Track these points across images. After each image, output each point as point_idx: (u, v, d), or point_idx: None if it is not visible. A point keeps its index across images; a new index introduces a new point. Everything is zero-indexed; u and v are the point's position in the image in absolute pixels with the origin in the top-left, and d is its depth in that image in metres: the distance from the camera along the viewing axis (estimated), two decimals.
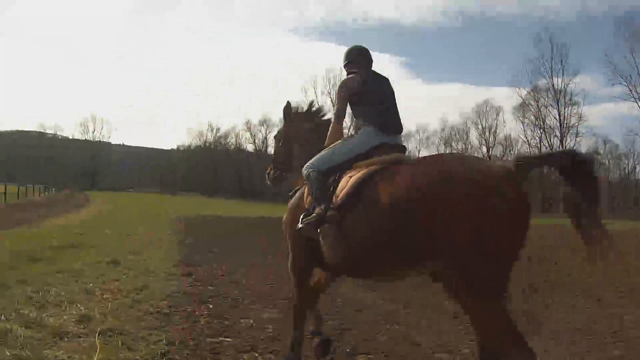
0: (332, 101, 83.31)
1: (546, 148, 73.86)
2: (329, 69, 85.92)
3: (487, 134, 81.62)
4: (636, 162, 77.86)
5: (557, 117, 73.77)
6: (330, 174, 4.83)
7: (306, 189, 4.98)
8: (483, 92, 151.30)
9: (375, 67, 5.41)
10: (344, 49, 5.63)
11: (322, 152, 5.11)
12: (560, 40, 75.06)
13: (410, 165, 4.40)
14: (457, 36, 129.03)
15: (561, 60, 72.84)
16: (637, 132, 69.34)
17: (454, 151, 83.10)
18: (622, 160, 79.57)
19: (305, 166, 5.00)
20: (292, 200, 5.30)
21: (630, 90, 65.88)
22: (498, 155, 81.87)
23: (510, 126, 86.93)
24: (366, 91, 5.19)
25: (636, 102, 65.81)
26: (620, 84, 66.51)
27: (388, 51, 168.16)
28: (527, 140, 78.44)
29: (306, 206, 4.85)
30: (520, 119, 78.00)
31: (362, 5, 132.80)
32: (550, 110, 74.96)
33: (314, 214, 4.59)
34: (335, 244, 4.50)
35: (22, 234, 15.44)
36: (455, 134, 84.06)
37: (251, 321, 6.76)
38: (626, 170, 79.73)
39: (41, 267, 9.59)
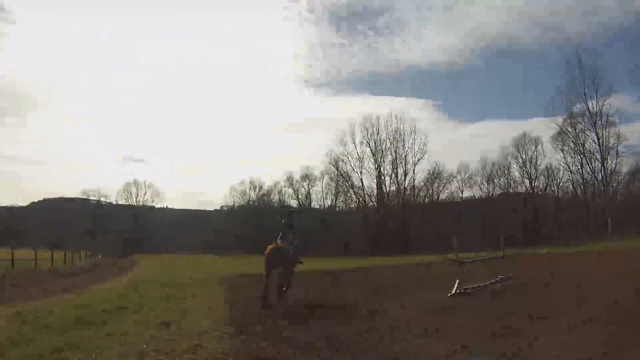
0: (371, 150, 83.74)
1: (588, 173, 73.67)
2: (366, 117, 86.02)
3: (527, 166, 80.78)
4: None
5: (596, 139, 72.79)
6: None
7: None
8: (519, 125, 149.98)
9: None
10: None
11: None
12: (590, 62, 74.25)
13: None
14: (487, 73, 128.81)
15: (593, 82, 71.88)
16: None
17: (497, 187, 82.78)
18: None
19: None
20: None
21: None
22: (541, 186, 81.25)
23: (550, 156, 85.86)
24: None
25: None
26: None
27: (420, 96, 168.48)
28: (569, 168, 77.44)
29: None
30: (560, 146, 77.01)
31: (390, 54, 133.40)
32: (588, 134, 73.79)
33: None
34: None
35: (71, 300, 15.43)
36: (497, 170, 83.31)
37: None
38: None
39: (92, 331, 9.58)
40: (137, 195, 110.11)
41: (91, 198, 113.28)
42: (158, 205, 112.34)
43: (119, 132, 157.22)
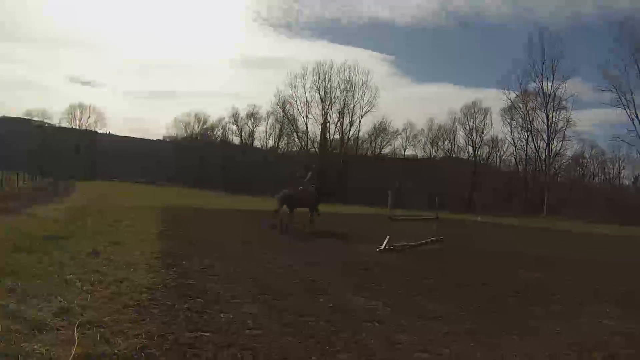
0: (320, 96, 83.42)
1: (533, 151, 75.83)
2: (320, 63, 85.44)
3: (473, 134, 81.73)
4: (621, 168, 78.36)
5: (545, 120, 74.25)
6: None
7: None
8: (472, 93, 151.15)
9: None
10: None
11: None
12: (553, 44, 75.29)
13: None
14: (450, 37, 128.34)
15: (552, 65, 73.34)
16: (623, 139, 69.89)
17: (440, 150, 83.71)
18: (607, 165, 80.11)
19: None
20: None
21: (620, 97, 66.63)
22: (484, 155, 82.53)
23: (498, 128, 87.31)
24: None
25: (625, 109, 66.50)
26: (610, 90, 67.28)
27: (378, 49, 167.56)
28: (514, 143, 79.06)
29: None
30: (508, 120, 78.52)
31: (355, 4, 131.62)
32: (539, 113, 75.36)
33: None
34: None
35: (4, 224, 15.27)
36: (443, 134, 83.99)
37: (231, 316, 6.75)
38: (611, 175, 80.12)
39: (23, 258, 9.47)
40: (81, 119, 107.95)
41: (34, 119, 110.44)
42: (101, 131, 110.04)
43: (68, 53, 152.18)
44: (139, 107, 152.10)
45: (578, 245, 24.56)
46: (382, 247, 16.02)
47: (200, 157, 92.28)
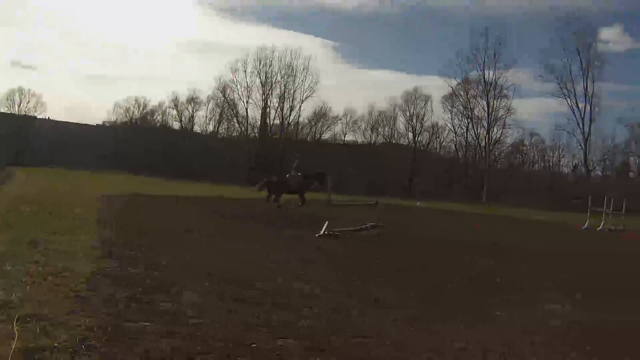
0: (260, 81, 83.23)
1: (473, 138, 78.05)
2: (261, 47, 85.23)
3: (414, 120, 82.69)
4: (560, 156, 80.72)
5: (486, 108, 76.08)
6: None
7: None
8: (414, 80, 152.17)
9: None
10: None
11: None
12: (496, 34, 77.16)
13: None
14: (393, 24, 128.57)
15: (494, 54, 75.21)
16: (563, 127, 72.45)
17: (380, 136, 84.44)
18: (547, 153, 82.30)
19: None
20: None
21: (561, 88, 69.25)
22: (424, 142, 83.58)
23: (438, 115, 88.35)
24: None
25: (566, 99, 69.15)
26: (552, 81, 69.84)
27: (323, 36, 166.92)
28: (454, 129, 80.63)
29: None
30: (449, 108, 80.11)
31: None
32: (479, 101, 77.48)
33: None
34: None
35: None
36: (383, 120, 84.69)
37: (172, 304, 6.77)
38: (550, 163, 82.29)
39: None
40: (20, 103, 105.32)
41: None
42: (40, 116, 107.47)
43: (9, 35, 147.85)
44: (79, 92, 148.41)
45: (517, 231, 25.21)
46: (322, 232, 16.20)
47: (140, 143, 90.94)
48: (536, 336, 6.82)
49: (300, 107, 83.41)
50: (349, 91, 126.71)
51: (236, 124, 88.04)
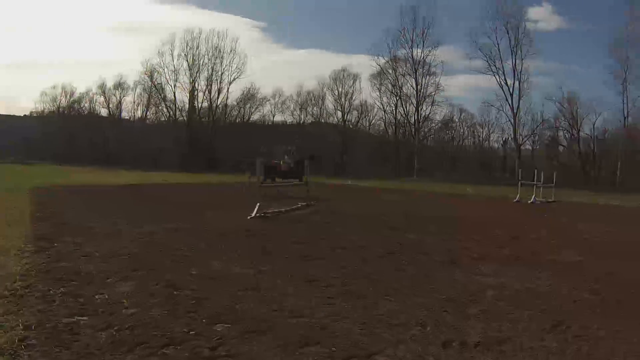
0: (188, 63, 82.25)
1: (402, 116, 78.46)
2: (188, 29, 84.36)
3: (342, 99, 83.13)
4: (490, 131, 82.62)
5: (414, 85, 77.06)
6: None
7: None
8: (342, 59, 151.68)
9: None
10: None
11: None
12: (425, 12, 78.04)
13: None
14: (322, 2, 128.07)
15: (423, 32, 76.07)
16: (492, 104, 74.28)
17: (309, 116, 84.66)
18: (476, 129, 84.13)
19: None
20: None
21: (490, 65, 70.90)
22: (353, 120, 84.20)
23: (367, 93, 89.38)
24: None
25: (494, 75, 70.88)
26: (481, 58, 71.42)
27: (250, 16, 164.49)
28: (383, 107, 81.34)
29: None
30: (377, 86, 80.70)
31: None
32: (408, 79, 78.19)
33: None
34: None
35: None
36: (311, 99, 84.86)
37: (106, 296, 6.85)
38: (480, 139, 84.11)
39: None
40: None
41: None
42: None
43: None
44: (4, 81, 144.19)
45: (447, 205, 25.77)
46: (254, 214, 16.33)
47: (68, 132, 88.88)
48: (471, 308, 7.03)
49: (228, 89, 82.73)
50: (277, 72, 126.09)
51: (164, 109, 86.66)
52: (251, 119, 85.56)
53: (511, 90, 71.98)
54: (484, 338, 5.82)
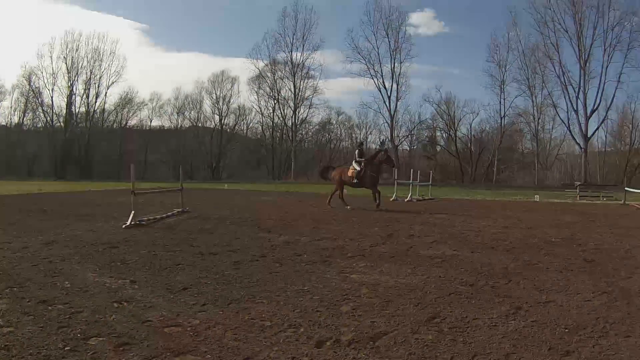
0: (66, 66, 79.85)
1: (279, 119, 79.53)
2: (68, 31, 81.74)
3: (220, 103, 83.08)
4: (368, 133, 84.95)
5: (292, 89, 78.23)
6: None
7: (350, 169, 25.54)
8: (223, 62, 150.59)
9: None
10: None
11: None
12: (306, 15, 79.29)
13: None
14: (202, 4, 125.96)
15: (303, 36, 77.34)
16: (370, 106, 76.79)
17: (187, 120, 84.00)
18: (354, 130, 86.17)
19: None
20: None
21: (369, 68, 73.38)
22: (230, 124, 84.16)
23: (245, 96, 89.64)
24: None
25: (372, 78, 73.39)
26: (360, 61, 73.70)
27: (131, 17, 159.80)
28: (261, 111, 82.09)
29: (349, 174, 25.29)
30: (256, 89, 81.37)
31: None
32: (286, 82, 79.38)
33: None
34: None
35: None
36: (189, 103, 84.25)
37: None
38: (358, 140, 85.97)
39: None
40: None
41: None
42: None
43: None
44: None
45: (322, 206, 26.19)
46: (128, 223, 16.18)
47: None
48: (344, 306, 7.29)
49: (106, 93, 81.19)
50: (156, 75, 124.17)
51: (41, 114, 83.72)
52: (129, 123, 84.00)
53: (389, 92, 75.01)
54: (357, 335, 6.05)
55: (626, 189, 34.71)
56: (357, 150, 26.31)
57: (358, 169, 25.14)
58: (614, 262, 11.08)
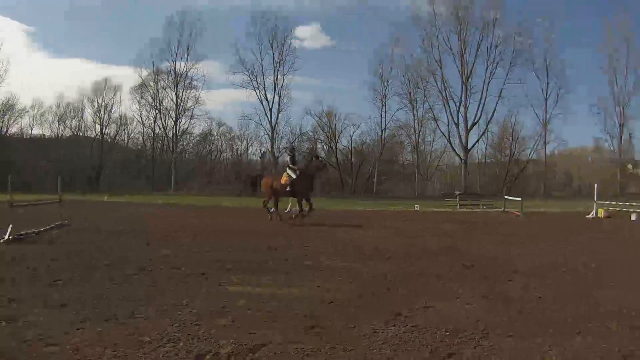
0: None
1: (160, 129, 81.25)
2: None
3: (102, 111, 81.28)
4: (249, 144, 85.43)
5: (174, 99, 77.67)
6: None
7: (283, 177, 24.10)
8: (107, 70, 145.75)
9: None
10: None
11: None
12: (191, 25, 78.75)
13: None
14: (89, 9, 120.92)
15: (188, 45, 76.92)
16: (251, 117, 77.53)
17: (68, 128, 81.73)
18: (235, 142, 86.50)
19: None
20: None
21: (251, 79, 74.22)
22: (111, 134, 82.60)
23: (127, 105, 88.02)
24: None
25: (255, 90, 74.33)
26: (243, 72, 74.35)
27: (17, 18, 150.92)
28: (142, 121, 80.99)
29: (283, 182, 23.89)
30: (138, 99, 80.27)
31: None
32: (169, 92, 78.68)
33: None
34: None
35: None
36: (71, 111, 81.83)
37: None
38: (239, 152, 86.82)
39: None
40: None
41: None
42: None
43: None
44: None
45: (206, 217, 26.25)
46: (7, 237, 15.73)
47: None
48: (223, 319, 7.45)
49: None
50: (40, 81, 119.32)
51: None
52: (9, 132, 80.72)
53: (271, 104, 75.79)
54: (236, 347, 6.18)
55: (506, 197, 37.08)
56: (289, 157, 25.95)
57: (294, 176, 23.84)
58: (494, 268, 11.83)
